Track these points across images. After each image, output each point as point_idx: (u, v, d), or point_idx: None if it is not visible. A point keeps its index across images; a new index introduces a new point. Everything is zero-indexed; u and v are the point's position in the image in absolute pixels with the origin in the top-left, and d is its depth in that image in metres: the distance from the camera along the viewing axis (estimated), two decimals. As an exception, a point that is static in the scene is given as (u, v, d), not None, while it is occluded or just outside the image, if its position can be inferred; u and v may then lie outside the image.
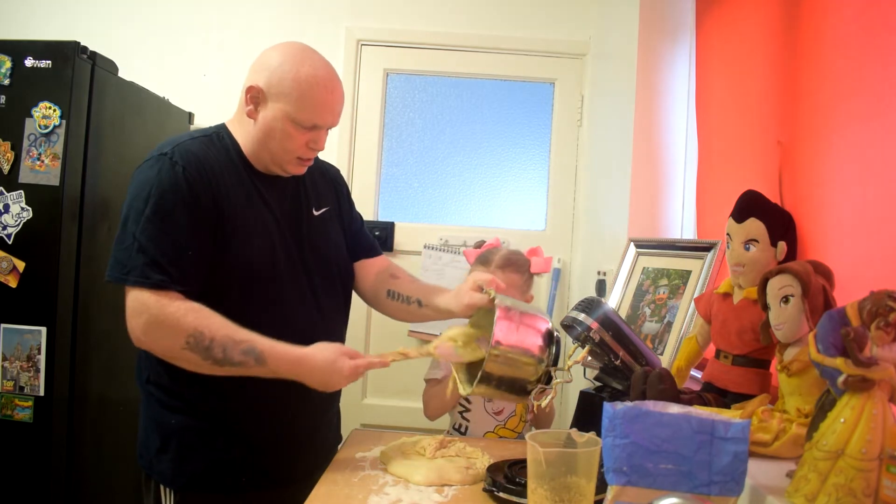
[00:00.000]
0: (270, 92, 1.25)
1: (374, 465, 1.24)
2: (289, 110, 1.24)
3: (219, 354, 1.13)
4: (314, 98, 1.24)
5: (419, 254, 2.58)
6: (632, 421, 0.76)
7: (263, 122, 1.26)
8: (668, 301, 1.71)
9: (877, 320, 0.76)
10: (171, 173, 1.20)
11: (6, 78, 1.87)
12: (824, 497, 0.75)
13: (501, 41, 2.70)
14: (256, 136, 1.28)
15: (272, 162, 1.30)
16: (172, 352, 1.15)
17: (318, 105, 1.25)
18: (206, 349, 1.13)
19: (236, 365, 1.14)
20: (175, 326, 1.13)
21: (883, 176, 1.11)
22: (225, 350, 1.13)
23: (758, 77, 1.59)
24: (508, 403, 1.63)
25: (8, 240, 1.85)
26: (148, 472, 1.30)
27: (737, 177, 1.65)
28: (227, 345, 1.13)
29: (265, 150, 1.29)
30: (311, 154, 1.31)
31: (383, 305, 1.49)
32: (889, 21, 1.10)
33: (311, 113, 1.25)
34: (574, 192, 2.70)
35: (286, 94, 1.23)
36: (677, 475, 0.74)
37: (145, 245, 1.16)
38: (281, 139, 1.26)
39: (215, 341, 1.13)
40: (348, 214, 1.51)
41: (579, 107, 2.69)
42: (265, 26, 2.69)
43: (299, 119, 1.24)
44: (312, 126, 1.26)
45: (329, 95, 1.27)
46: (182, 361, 1.16)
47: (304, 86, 1.23)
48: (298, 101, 1.23)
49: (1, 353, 1.83)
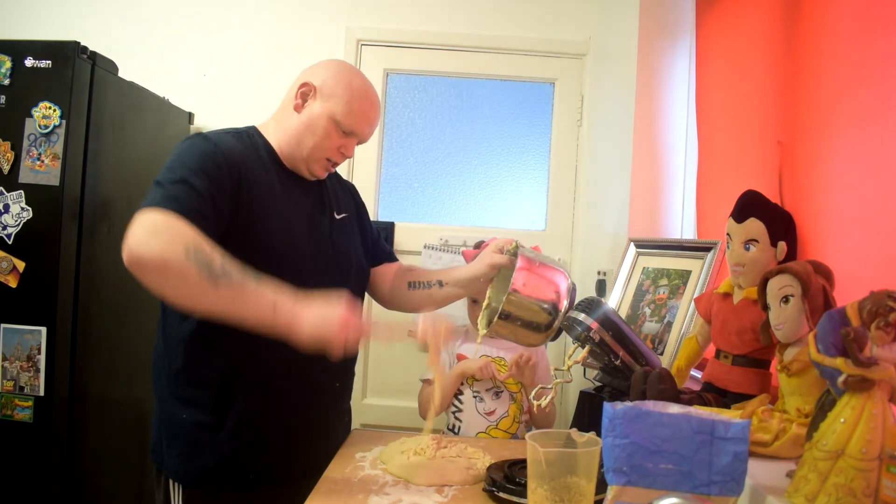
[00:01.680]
0: (323, 91, 1.33)
1: (374, 465, 1.24)
2: (336, 111, 1.32)
3: (217, 267, 1.03)
4: (361, 107, 1.34)
5: (419, 254, 2.58)
6: (632, 421, 0.76)
7: (308, 116, 1.33)
8: (668, 301, 1.71)
9: (877, 320, 0.76)
10: (203, 145, 1.24)
11: (6, 78, 1.87)
12: (824, 497, 0.75)
13: (501, 41, 2.70)
14: (296, 129, 1.34)
15: (302, 158, 1.35)
16: (168, 260, 1.02)
17: (361, 115, 1.35)
18: (205, 260, 1.03)
19: (234, 283, 1.04)
20: (177, 233, 1.05)
21: (883, 176, 1.11)
22: (224, 265, 1.04)
23: (758, 77, 1.59)
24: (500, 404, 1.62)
25: (8, 240, 1.85)
26: (159, 466, 1.31)
27: (737, 177, 1.65)
28: (228, 262, 1.06)
29: (301, 145, 1.34)
30: (339, 159, 1.38)
31: (405, 298, 1.53)
32: (889, 21, 1.10)
33: (354, 119, 1.34)
34: (574, 192, 2.70)
35: (338, 95, 1.33)
36: (677, 475, 0.74)
37: (166, 185, 1.14)
38: (320, 136, 1.33)
39: (215, 255, 1.05)
40: (366, 225, 1.57)
41: (579, 107, 2.69)
42: (265, 26, 2.69)
43: (343, 122, 1.33)
44: (350, 132, 1.35)
45: (372, 110, 1.38)
46: (174, 276, 1.03)
47: (355, 94, 1.34)
48: (347, 106, 1.33)
49: (1, 353, 1.83)
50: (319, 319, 1.05)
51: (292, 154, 1.35)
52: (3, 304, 1.84)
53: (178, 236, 1.05)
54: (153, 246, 1.03)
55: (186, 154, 1.22)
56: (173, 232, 1.06)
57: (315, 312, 1.06)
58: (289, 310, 1.06)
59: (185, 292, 1.06)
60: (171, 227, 1.06)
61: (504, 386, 1.62)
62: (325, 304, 1.07)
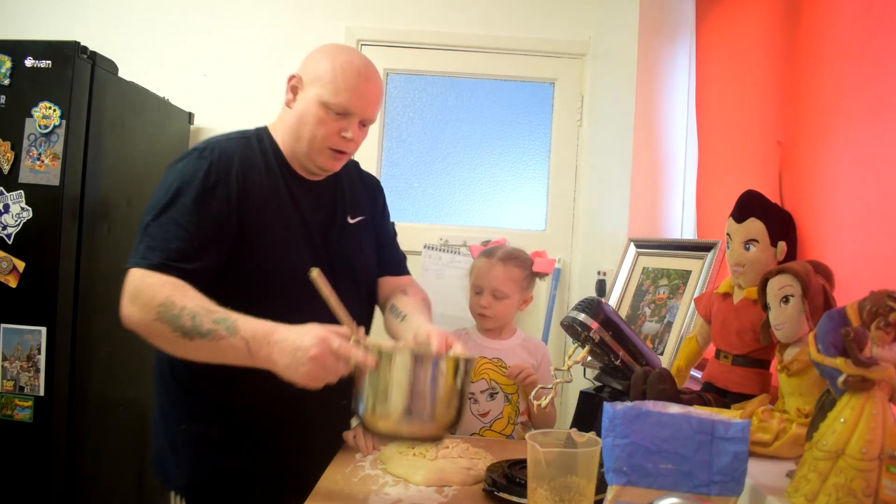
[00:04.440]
0: (307, 78, 1.27)
1: (374, 465, 1.24)
2: (321, 93, 1.24)
3: (187, 323, 1.05)
4: (346, 82, 1.24)
5: (419, 254, 2.58)
6: (632, 421, 0.76)
7: (298, 108, 1.27)
8: (668, 301, 1.71)
9: (877, 320, 0.76)
10: (195, 165, 1.21)
11: (6, 78, 1.87)
12: (824, 497, 0.74)
13: (501, 41, 2.70)
14: (292, 125, 1.28)
15: (306, 155, 1.29)
16: (146, 325, 1.09)
17: (350, 89, 1.24)
18: (175, 317, 1.05)
19: (205, 335, 1.04)
20: (149, 297, 1.08)
21: (883, 176, 1.11)
22: (194, 318, 1.05)
23: (758, 77, 1.59)
24: (494, 405, 1.62)
25: (8, 240, 1.85)
26: (162, 479, 1.29)
27: (737, 177, 1.65)
28: (198, 313, 1.05)
29: (299, 139, 1.28)
30: (343, 144, 1.29)
31: (385, 321, 1.44)
32: (889, 21, 1.10)
33: (343, 97, 1.24)
34: (574, 192, 2.70)
35: (320, 77, 1.25)
36: (677, 475, 0.74)
37: (153, 230, 1.15)
38: (313, 124, 1.25)
39: (186, 310, 1.06)
40: (382, 226, 1.51)
41: (579, 107, 2.69)
42: (265, 26, 2.69)
43: (331, 103, 1.24)
44: (344, 111, 1.25)
45: (363, 82, 1.27)
46: (155, 337, 1.10)
47: (338, 70, 1.24)
48: (331, 84, 1.24)
49: (1, 353, 1.83)
50: (290, 358, 1.00)
51: (294, 152, 1.30)
52: (3, 304, 1.84)
53: (149, 299, 1.08)
54: (133, 313, 1.10)
55: (176, 180, 1.19)
56: (146, 296, 1.09)
57: (286, 349, 1.01)
58: (264, 352, 1.03)
59: (168, 348, 1.12)
60: (143, 291, 1.10)
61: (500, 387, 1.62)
62: (296, 340, 1.00)
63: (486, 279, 1.63)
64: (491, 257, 1.68)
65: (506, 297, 1.63)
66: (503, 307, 1.63)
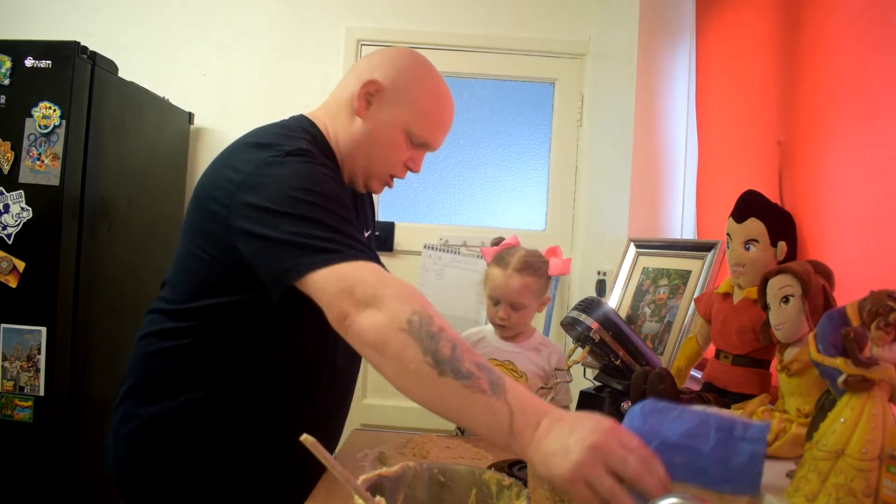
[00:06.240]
0: (392, 94, 1.10)
1: (374, 466, 1.24)
2: (409, 119, 1.11)
3: (446, 350, 0.79)
4: (441, 116, 1.14)
5: (419, 254, 2.58)
6: (653, 412, 0.76)
7: (374, 123, 1.11)
8: (668, 301, 1.71)
9: (877, 320, 0.76)
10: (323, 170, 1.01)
11: (6, 78, 1.87)
12: (824, 497, 0.74)
13: (501, 41, 2.70)
14: (359, 140, 1.12)
15: (362, 171, 1.15)
16: (383, 335, 0.82)
17: (440, 124, 1.15)
18: (432, 336, 0.81)
19: (462, 377, 0.78)
20: (406, 294, 0.85)
21: (883, 176, 1.11)
22: (455, 349, 0.80)
23: (758, 77, 1.59)
24: None
25: (8, 240, 1.85)
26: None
27: (737, 177, 1.65)
28: (458, 343, 0.81)
29: (363, 156, 1.13)
30: (402, 174, 1.18)
31: None
32: (889, 21, 1.10)
33: (429, 129, 1.13)
34: (574, 192, 2.70)
35: (412, 100, 1.11)
36: (691, 469, 0.73)
37: (333, 224, 0.92)
38: (389, 149, 1.12)
39: (445, 332, 0.82)
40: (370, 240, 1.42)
41: (579, 107, 2.69)
42: (265, 26, 2.70)
43: (416, 132, 1.12)
44: (423, 143, 1.14)
45: (449, 118, 1.17)
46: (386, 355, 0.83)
47: (434, 101, 1.13)
48: (425, 116, 1.12)
49: (1, 353, 1.83)
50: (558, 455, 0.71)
51: (353, 166, 1.14)
52: (3, 304, 1.84)
53: (406, 295, 0.85)
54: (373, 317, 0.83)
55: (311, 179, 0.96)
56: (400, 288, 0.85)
57: (555, 444, 0.72)
58: (529, 434, 0.75)
59: (396, 375, 0.84)
60: (395, 282, 0.87)
61: None
62: (570, 433, 0.72)
63: (503, 292, 1.59)
64: (506, 268, 1.62)
65: (524, 307, 1.61)
66: (521, 316, 1.62)
